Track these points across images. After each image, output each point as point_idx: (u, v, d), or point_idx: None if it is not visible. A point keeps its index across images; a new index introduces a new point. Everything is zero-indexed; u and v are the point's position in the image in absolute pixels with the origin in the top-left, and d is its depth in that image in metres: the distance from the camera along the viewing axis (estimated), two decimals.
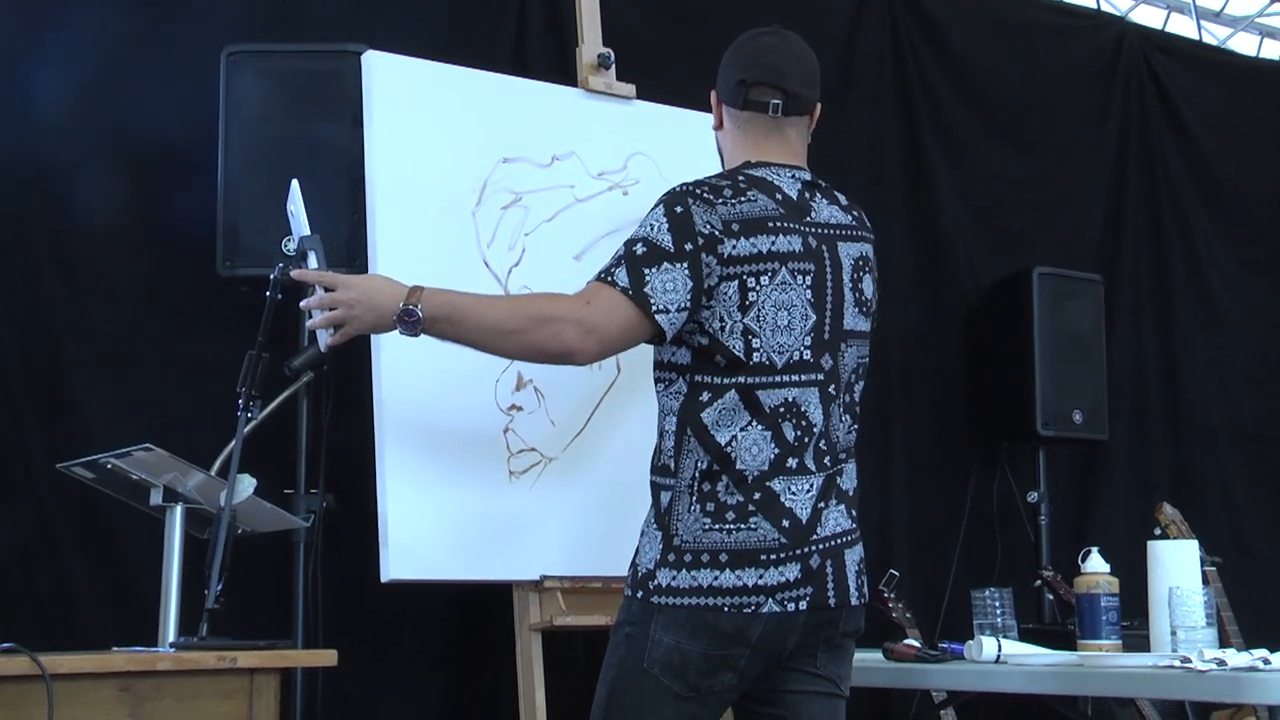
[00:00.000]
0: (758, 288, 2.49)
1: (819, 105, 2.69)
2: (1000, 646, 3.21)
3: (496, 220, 3.37)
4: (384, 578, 3.07)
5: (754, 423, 2.49)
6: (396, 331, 2.54)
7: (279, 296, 2.80)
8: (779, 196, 2.56)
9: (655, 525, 2.53)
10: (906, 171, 4.96)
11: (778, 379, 2.50)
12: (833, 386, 2.56)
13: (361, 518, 3.23)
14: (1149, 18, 6.03)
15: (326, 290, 2.59)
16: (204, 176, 3.47)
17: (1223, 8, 6.21)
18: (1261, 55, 6.36)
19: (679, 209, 2.50)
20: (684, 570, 2.46)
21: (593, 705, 2.54)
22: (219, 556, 2.59)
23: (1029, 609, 4.38)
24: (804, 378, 2.52)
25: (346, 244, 3.32)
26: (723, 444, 2.48)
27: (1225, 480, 5.45)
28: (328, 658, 2.73)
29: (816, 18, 4.66)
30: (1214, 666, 2.75)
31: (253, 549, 2.96)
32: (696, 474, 2.49)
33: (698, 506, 2.48)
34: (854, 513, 2.59)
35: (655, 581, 2.47)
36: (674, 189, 2.56)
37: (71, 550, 3.44)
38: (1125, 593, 3.29)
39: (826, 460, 2.54)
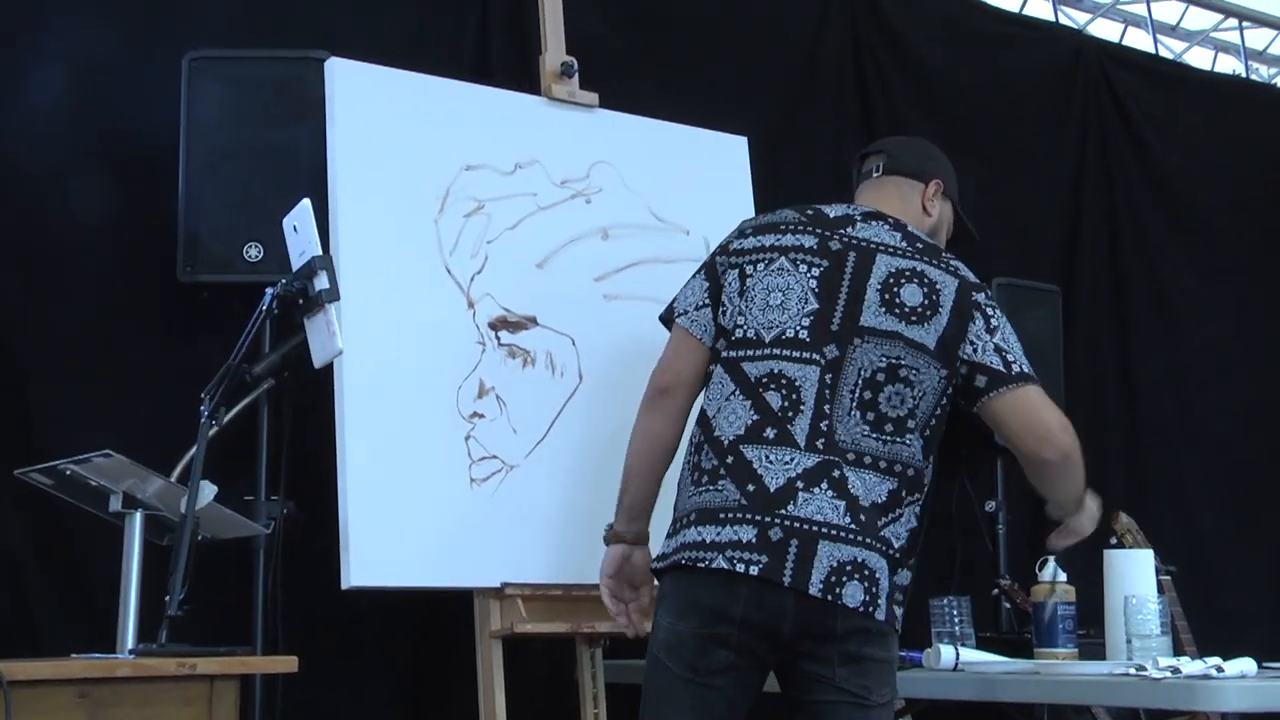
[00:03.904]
0: (754, 274, 2.66)
1: (934, 181, 2.87)
2: (958, 654, 3.23)
3: (459, 228, 3.37)
4: (345, 584, 3.06)
5: (737, 392, 2.59)
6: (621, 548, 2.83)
7: (275, 311, 2.79)
8: (810, 212, 2.72)
9: None
10: None
11: (764, 351, 2.60)
12: (831, 375, 2.58)
13: (323, 524, 3.22)
14: (1106, 31, 6.07)
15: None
16: (166, 182, 3.45)
17: (1178, 22, 6.26)
18: (1215, 69, 6.42)
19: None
20: (675, 536, 2.58)
21: None
22: (182, 563, 2.58)
23: (987, 617, 4.39)
24: (798, 354, 2.59)
25: None
26: (710, 415, 2.61)
27: (1182, 488, 5.49)
28: (288, 664, 2.72)
29: (780, 27, 4.67)
30: (1168, 674, 2.78)
31: (213, 555, 2.95)
32: (691, 447, 2.65)
33: (689, 476, 2.62)
34: (862, 518, 2.52)
35: (660, 551, 2.63)
36: None
37: (30, 557, 3.41)
38: (1081, 601, 3.32)
39: (821, 443, 2.54)
